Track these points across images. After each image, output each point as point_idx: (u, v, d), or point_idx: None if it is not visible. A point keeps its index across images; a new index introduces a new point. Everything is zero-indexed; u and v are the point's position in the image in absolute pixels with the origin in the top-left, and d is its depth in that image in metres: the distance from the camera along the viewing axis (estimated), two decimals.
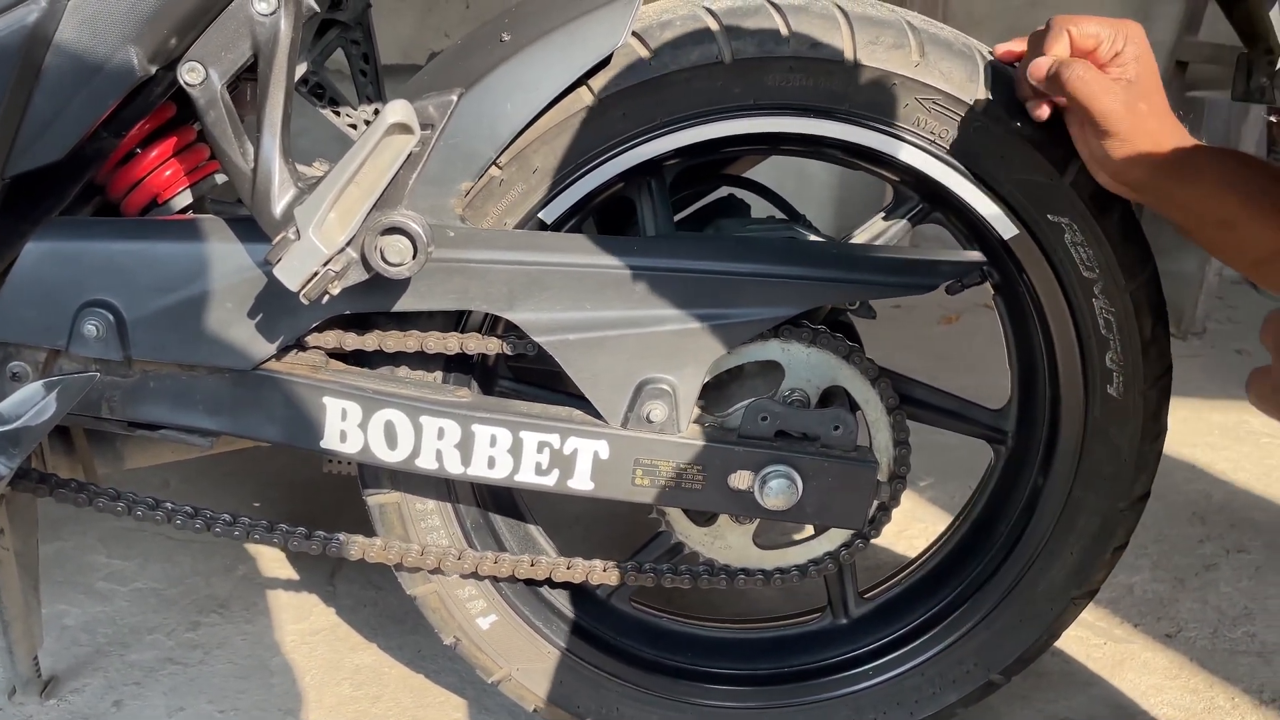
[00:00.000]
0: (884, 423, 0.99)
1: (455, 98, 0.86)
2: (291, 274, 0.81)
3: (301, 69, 1.09)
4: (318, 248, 0.80)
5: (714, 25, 0.92)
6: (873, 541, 1.07)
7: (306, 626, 1.47)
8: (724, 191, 1.25)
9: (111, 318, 0.92)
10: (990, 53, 0.96)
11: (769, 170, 1.29)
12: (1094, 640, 1.45)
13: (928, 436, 1.17)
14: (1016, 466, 1.11)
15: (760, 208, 1.21)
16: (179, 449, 1.22)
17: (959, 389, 1.15)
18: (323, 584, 1.56)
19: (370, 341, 0.96)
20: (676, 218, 1.18)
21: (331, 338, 0.96)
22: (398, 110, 0.77)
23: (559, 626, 1.13)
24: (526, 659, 1.12)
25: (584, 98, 0.93)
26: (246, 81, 1.03)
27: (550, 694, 1.13)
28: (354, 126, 1.16)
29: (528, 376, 1.13)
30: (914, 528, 1.71)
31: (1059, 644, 1.43)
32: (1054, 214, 0.97)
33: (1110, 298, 0.99)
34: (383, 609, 1.51)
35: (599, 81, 0.93)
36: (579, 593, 1.16)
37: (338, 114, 1.15)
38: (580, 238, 0.96)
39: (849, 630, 1.16)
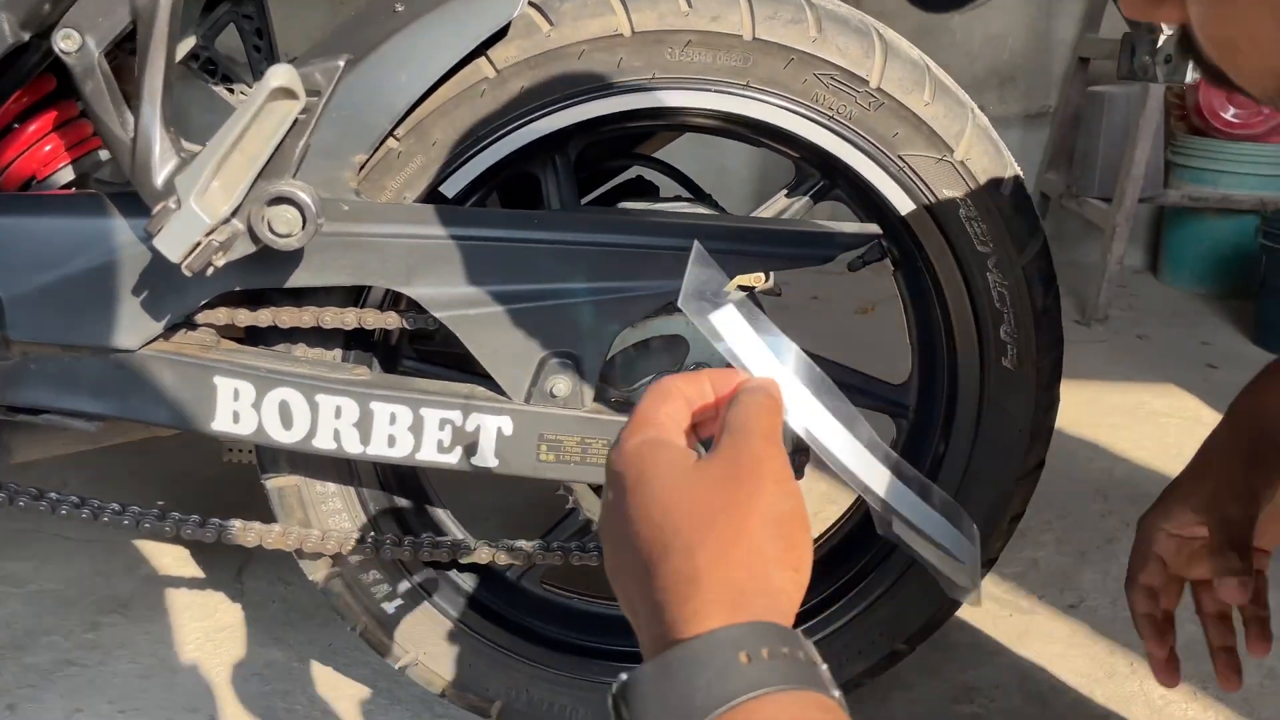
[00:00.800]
0: None
1: (342, 63, 0.84)
2: (172, 244, 0.79)
3: (191, 43, 1.06)
4: (199, 217, 0.78)
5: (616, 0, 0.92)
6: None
7: (212, 624, 1.43)
8: (633, 173, 1.25)
9: None
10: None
11: (686, 160, 1.29)
12: (1000, 612, 1.49)
13: None
14: (918, 440, 1.13)
15: (671, 190, 1.21)
16: (69, 441, 1.18)
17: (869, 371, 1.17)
18: (229, 582, 1.52)
19: (264, 318, 0.93)
20: (586, 199, 1.18)
21: (223, 315, 0.94)
22: (280, 74, 0.76)
23: (467, 610, 1.12)
24: (434, 643, 1.11)
25: (484, 70, 0.93)
26: (129, 55, 0.99)
27: (458, 678, 1.12)
28: None
29: (432, 358, 1.11)
30: (829, 510, 1.74)
31: (968, 617, 1.47)
32: (948, 189, 0.99)
33: (1003, 271, 1.01)
34: (292, 604, 1.48)
35: (499, 53, 0.92)
36: (488, 576, 1.15)
37: (231, 91, 1.12)
38: (479, 211, 0.95)
39: None
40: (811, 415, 0.59)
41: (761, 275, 1.12)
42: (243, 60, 1.17)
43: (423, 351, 1.15)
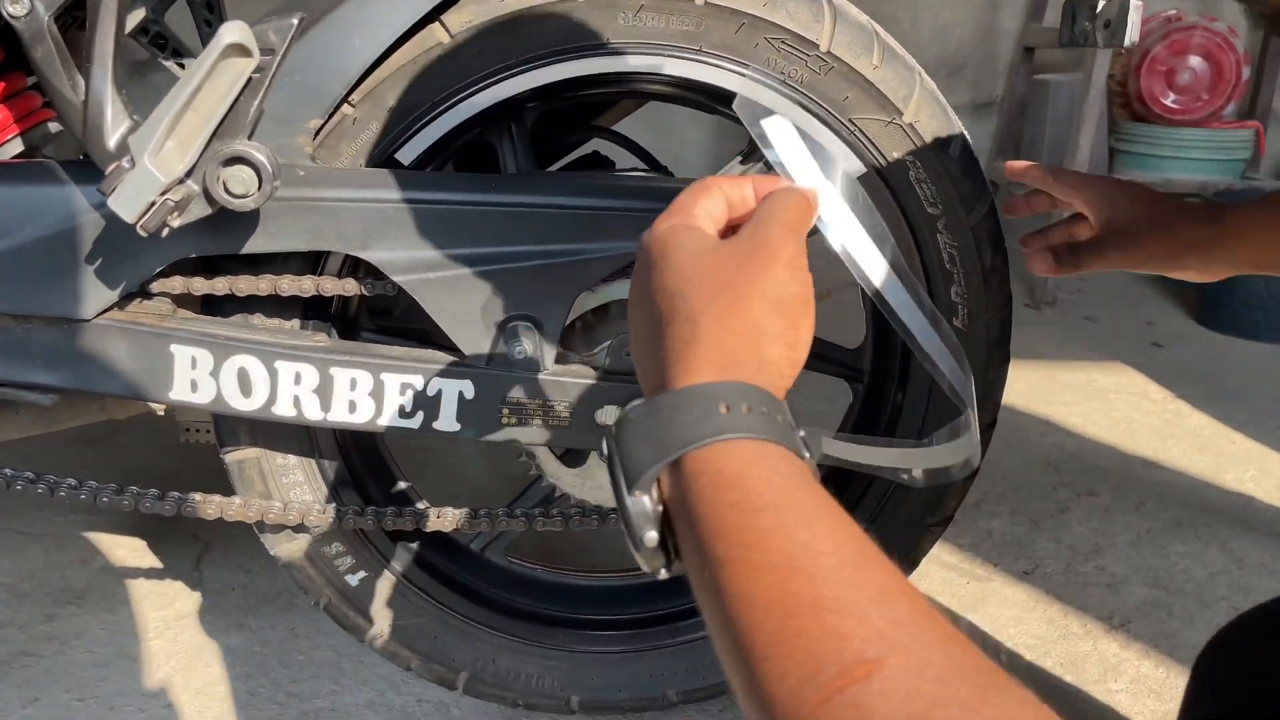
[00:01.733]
0: None
1: (296, 20, 0.84)
2: (127, 204, 0.78)
3: (140, 16, 1.05)
4: (154, 175, 0.77)
5: None
6: None
7: (171, 613, 1.41)
8: (590, 149, 1.26)
9: None
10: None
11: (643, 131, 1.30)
12: (958, 580, 1.51)
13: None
14: (874, 404, 1.15)
15: (628, 164, 1.22)
16: (22, 425, 1.16)
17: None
18: (188, 571, 1.50)
19: (220, 285, 0.93)
20: (544, 171, 1.19)
21: (179, 284, 0.93)
22: (234, 30, 0.75)
23: (432, 582, 1.12)
24: (398, 616, 1.10)
25: (438, 35, 0.93)
26: (78, 29, 0.99)
27: (424, 649, 1.12)
28: None
29: (391, 332, 1.11)
30: None
31: (925, 586, 1.49)
32: (898, 151, 1.01)
33: (953, 233, 1.03)
34: (252, 591, 1.46)
35: (453, 18, 0.93)
36: (452, 548, 1.15)
37: (181, 66, 1.11)
38: (435, 175, 0.95)
39: None
40: (847, 229, 0.63)
41: None
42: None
43: (381, 326, 1.14)
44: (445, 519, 1.05)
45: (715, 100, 1.04)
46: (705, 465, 0.45)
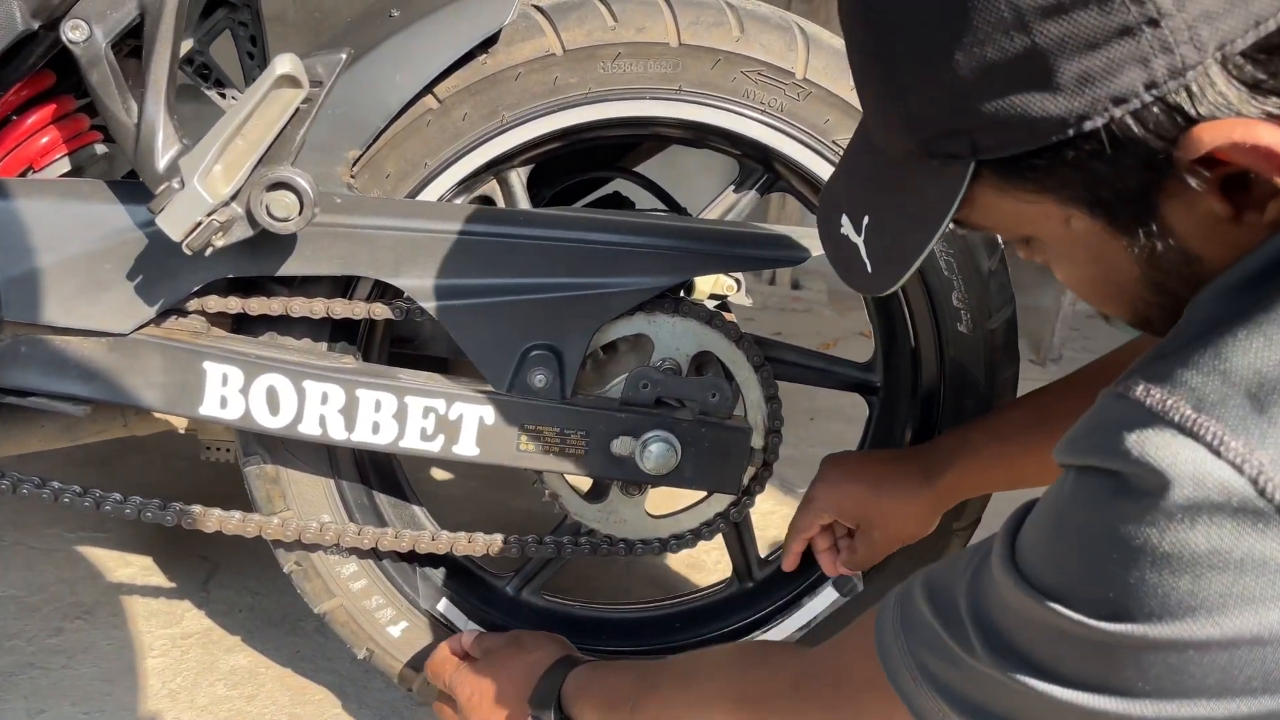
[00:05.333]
0: (754, 381, 1.04)
1: (344, 55, 0.88)
2: (174, 223, 0.81)
3: (187, 47, 1.10)
4: (202, 197, 0.81)
5: (544, 21, 0.96)
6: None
7: (178, 631, 1.43)
8: (612, 188, 1.30)
9: None
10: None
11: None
12: None
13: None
14: (890, 415, 1.17)
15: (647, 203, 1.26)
16: (46, 437, 1.18)
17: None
18: (196, 590, 1.52)
19: (254, 306, 0.96)
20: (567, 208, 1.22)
21: (214, 303, 0.96)
22: (286, 63, 0.79)
23: (470, 625, 1.15)
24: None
25: (429, 103, 0.96)
26: (129, 57, 1.03)
27: None
28: None
29: (411, 362, 1.13)
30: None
31: None
32: None
33: (948, 240, 1.05)
34: (259, 613, 1.48)
35: (441, 85, 0.96)
36: (489, 591, 1.18)
37: (223, 95, 1.15)
38: (465, 207, 0.99)
39: (755, 593, 1.20)
40: None
41: (734, 284, 1.17)
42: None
43: (400, 356, 1.17)
44: (475, 544, 1.07)
45: (699, 134, 1.06)
46: None
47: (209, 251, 0.85)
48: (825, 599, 1.16)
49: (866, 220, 0.64)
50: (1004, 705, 0.60)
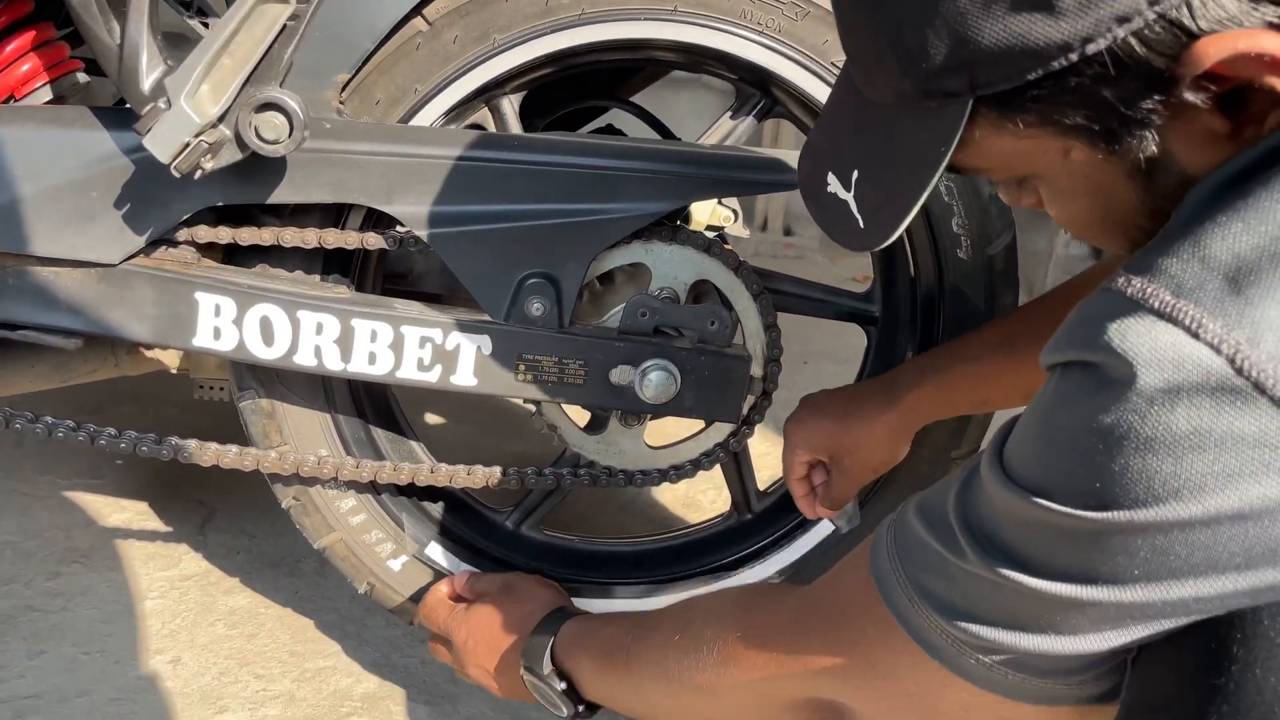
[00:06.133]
0: (752, 309, 1.03)
1: None
2: (162, 144, 0.80)
3: None
4: (189, 116, 0.79)
5: None
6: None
7: (176, 573, 1.42)
8: (606, 121, 1.28)
9: None
10: None
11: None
12: None
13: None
14: (888, 345, 1.16)
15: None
16: (37, 377, 1.17)
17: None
18: (193, 534, 1.51)
19: (245, 236, 0.94)
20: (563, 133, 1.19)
21: (204, 233, 0.94)
22: None
23: (474, 558, 1.14)
24: None
25: (418, 24, 0.94)
26: None
27: None
28: None
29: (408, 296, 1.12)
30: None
31: None
32: None
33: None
34: (256, 555, 1.47)
35: (430, 7, 0.94)
36: (489, 527, 1.17)
37: (205, 25, 1.13)
38: (460, 131, 0.97)
39: (752, 526, 1.20)
40: None
41: (731, 215, 1.15)
42: None
43: (394, 293, 1.16)
44: (475, 475, 1.06)
45: (695, 57, 1.03)
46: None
47: (198, 175, 0.83)
48: (821, 531, 1.16)
49: (856, 174, 0.63)
50: (997, 607, 0.60)
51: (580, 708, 0.94)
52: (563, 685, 0.93)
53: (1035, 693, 0.63)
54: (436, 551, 1.12)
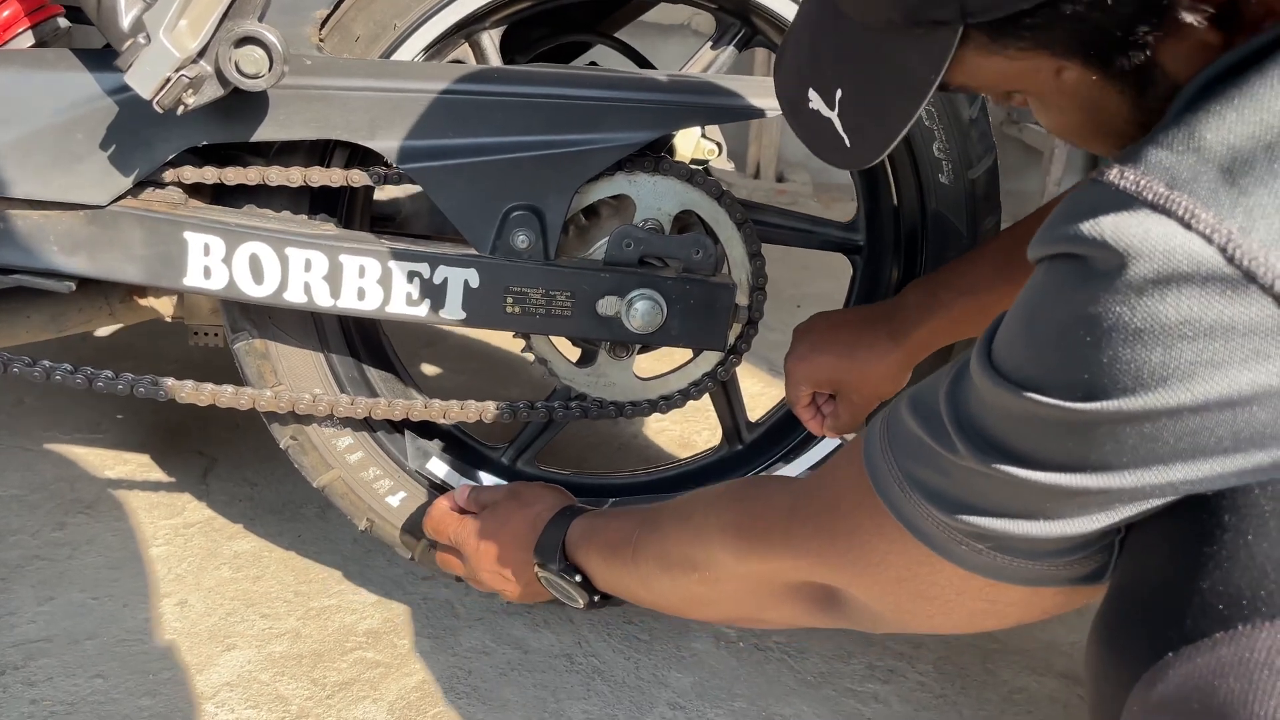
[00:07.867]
0: (737, 238, 1.04)
1: None
2: (143, 79, 0.80)
3: None
4: (169, 50, 0.79)
5: None
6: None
7: (180, 521, 1.45)
8: (587, 60, 1.28)
9: None
10: None
11: None
12: None
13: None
14: (874, 272, 1.17)
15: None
16: (33, 328, 1.18)
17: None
18: (195, 483, 1.54)
19: (231, 176, 0.95)
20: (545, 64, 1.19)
21: (190, 173, 0.95)
22: None
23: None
24: None
25: None
26: None
27: None
28: None
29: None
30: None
31: None
32: None
33: None
34: (259, 502, 1.50)
35: None
36: (485, 462, 1.19)
37: None
38: (441, 65, 0.97)
39: (745, 454, 1.22)
40: None
41: (715, 148, 1.16)
42: None
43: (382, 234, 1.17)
44: (468, 410, 1.08)
45: None
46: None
47: (180, 111, 0.83)
48: (810, 459, 1.18)
49: (840, 94, 0.63)
50: (989, 499, 0.62)
51: (595, 598, 0.98)
52: (578, 577, 0.97)
53: (1024, 574, 0.64)
54: (438, 467, 1.14)
